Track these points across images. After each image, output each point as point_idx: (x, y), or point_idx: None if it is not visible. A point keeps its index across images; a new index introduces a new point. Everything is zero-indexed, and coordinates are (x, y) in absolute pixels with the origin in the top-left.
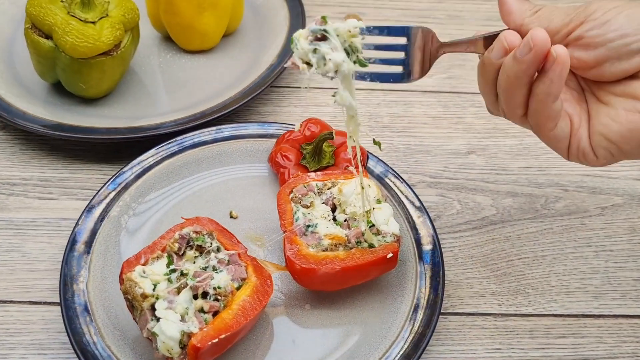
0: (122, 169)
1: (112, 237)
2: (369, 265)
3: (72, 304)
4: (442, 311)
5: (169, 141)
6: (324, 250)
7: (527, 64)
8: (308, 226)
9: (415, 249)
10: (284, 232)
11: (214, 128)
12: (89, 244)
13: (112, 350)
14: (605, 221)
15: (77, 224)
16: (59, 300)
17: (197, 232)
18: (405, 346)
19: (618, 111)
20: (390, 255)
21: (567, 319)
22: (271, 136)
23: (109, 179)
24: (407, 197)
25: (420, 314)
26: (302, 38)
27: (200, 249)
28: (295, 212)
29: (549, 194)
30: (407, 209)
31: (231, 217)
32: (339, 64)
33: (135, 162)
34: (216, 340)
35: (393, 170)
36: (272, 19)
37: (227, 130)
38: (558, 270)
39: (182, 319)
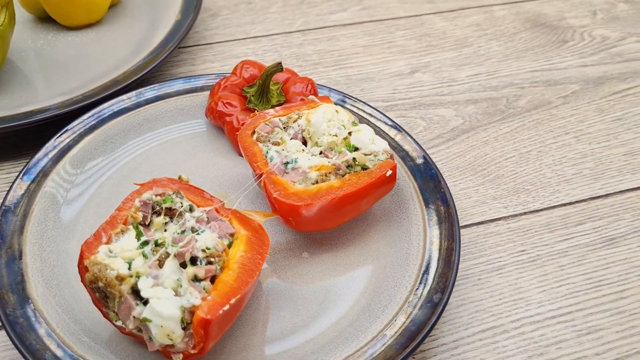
0: (34, 156)
1: (41, 233)
2: (369, 189)
3: (16, 319)
4: None
5: (84, 116)
6: (314, 184)
7: None
8: (286, 163)
9: (406, 167)
10: (261, 174)
11: (133, 93)
12: (16, 246)
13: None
14: (572, 108)
15: None
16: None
17: (160, 195)
18: (440, 262)
19: None
20: (389, 172)
21: (577, 205)
22: (202, 89)
23: (22, 170)
24: (376, 118)
25: (441, 228)
26: None
27: (170, 213)
28: (267, 152)
29: (507, 94)
30: (381, 128)
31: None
32: None
33: (49, 145)
34: (227, 307)
35: (349, 95)
36: None
37: (148, 92)
38: (548, 162)
39: (176, 294)
